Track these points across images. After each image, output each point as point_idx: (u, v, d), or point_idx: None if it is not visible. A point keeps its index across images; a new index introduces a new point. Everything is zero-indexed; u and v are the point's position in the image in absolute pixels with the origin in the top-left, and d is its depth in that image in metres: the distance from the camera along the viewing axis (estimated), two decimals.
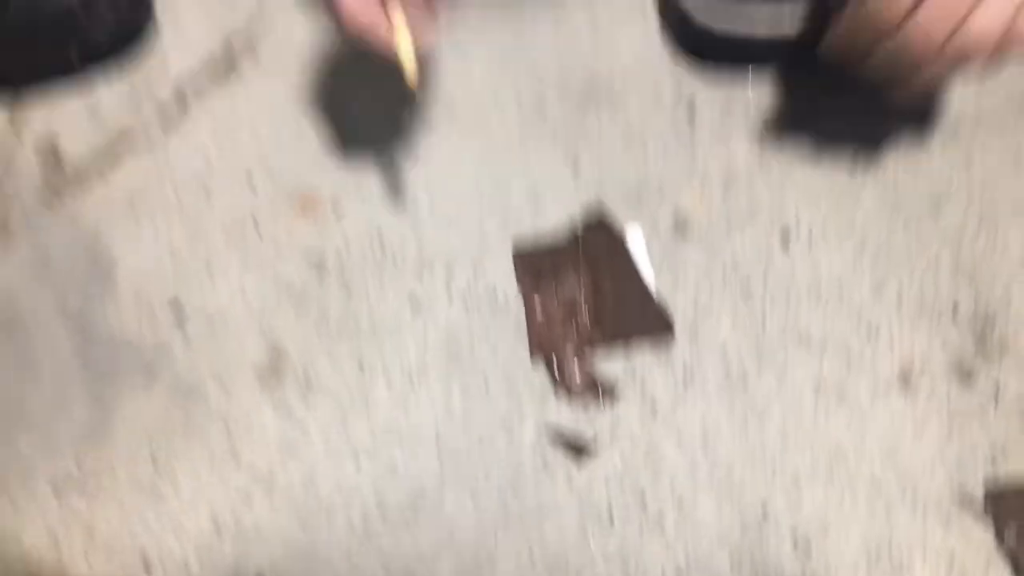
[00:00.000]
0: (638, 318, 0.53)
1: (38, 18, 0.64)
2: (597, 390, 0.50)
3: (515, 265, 0.56)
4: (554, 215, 0.58)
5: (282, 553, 0.47)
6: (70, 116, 0.67)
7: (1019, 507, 0.44)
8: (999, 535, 0.43)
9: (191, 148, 0.66)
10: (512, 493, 0.48)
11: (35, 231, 0.62)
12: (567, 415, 0.50)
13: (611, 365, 0.51)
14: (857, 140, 0.56)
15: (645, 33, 0.65)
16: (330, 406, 0.52)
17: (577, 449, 0.49)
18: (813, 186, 0.55)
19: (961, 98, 0.57)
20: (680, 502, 0.47)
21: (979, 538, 0.44)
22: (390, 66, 0.48)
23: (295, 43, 0.69)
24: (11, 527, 0.50)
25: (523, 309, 0.54)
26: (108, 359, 0.55)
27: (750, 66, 0.60)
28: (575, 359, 0.51)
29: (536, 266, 0.55)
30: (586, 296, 0.54)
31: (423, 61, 0.53)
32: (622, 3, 0.68)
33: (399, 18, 0.50)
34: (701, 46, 0.63)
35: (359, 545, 0.47)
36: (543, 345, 0.52)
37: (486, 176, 0.59)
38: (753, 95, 0.59)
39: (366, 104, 0.65)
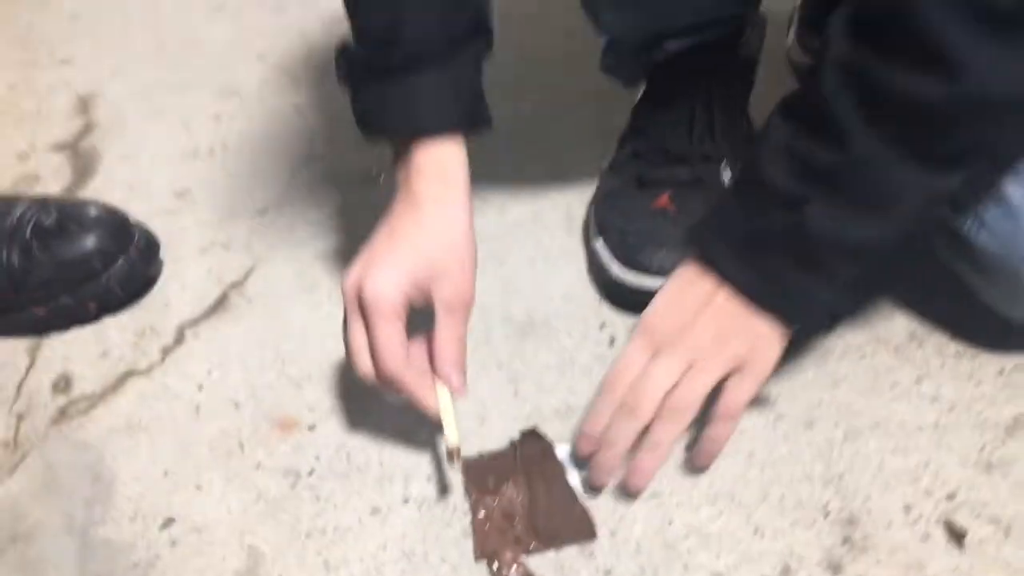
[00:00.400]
0: (566, 520, 0.62)
1: (64, 277, 0.77)
2: None
3: (464, 474, 0.66)
4: (498, 429, 0.69)
5: None
6: (82, 350, 0.79)
7: None
8: None
9: (185, 376, 0.76)
10: None
11: (44, 449, 0.71)
12: None
13: (544, 562, 0.60)
14: None
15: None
16: None
17: None
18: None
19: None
20: None
21: None
22: None
23: (284, 282, 0.82)
24: None
25: (469, 515, 0.63)
26: (106, 569, 0.63)
27: None
28: (512, 561, 0.60)
29: (481, 476, 0.65)
30: (523, 501, 0.63)
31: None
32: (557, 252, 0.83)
33: (444, 395, 0.60)
34: (615, 294, 0.77)
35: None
36: (486, 548, 0.61)
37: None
38: None
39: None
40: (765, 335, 0.59)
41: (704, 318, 0.59)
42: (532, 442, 0.67)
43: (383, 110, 0.62)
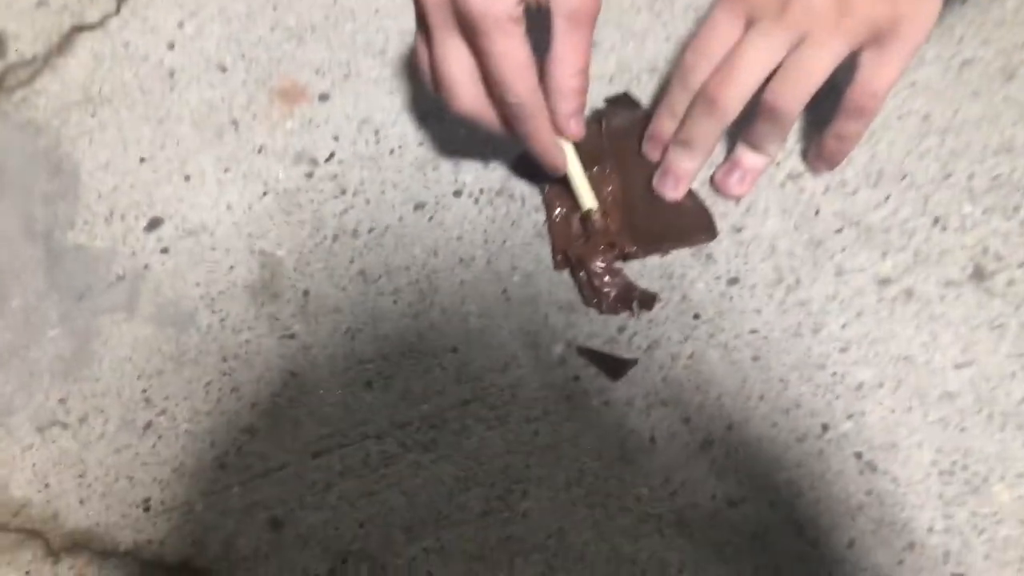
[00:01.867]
0: (675, 216, 0.46)
1: None
2: (631, 302, 0.45)
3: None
4: None
5: (297, 492, 0.43)
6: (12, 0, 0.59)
7: None
8: None
9: (150, 30, 0.57)
10: (543, 418, 0.43)
11: None
12: (599, 328, 0.45)
13: (646, 271, 0.46)
14: None
15: None
16: (333, 323, 0.47)
17: (613, 366, 0.44)
18: None
19: None
20: (729, 423, 0.42)
21: None
22: None
23: None
24: None
25: (543, 211, 0.48)
26: (82, 282, 0.49)
27: None
28: (605, 268, 0.46)
29: None
30: (614, 192, 0.47)
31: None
32: None
33: (570, 150, 0.45)
34: None
35: (375, 476, 0.43)
36: (567, 253, 0.46)
37: None
38: None
39: None
40: None
41: None
42: (622, 111, 0.50)
43: None
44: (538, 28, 0.39)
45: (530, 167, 0.46)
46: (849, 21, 0.40)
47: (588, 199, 0.45)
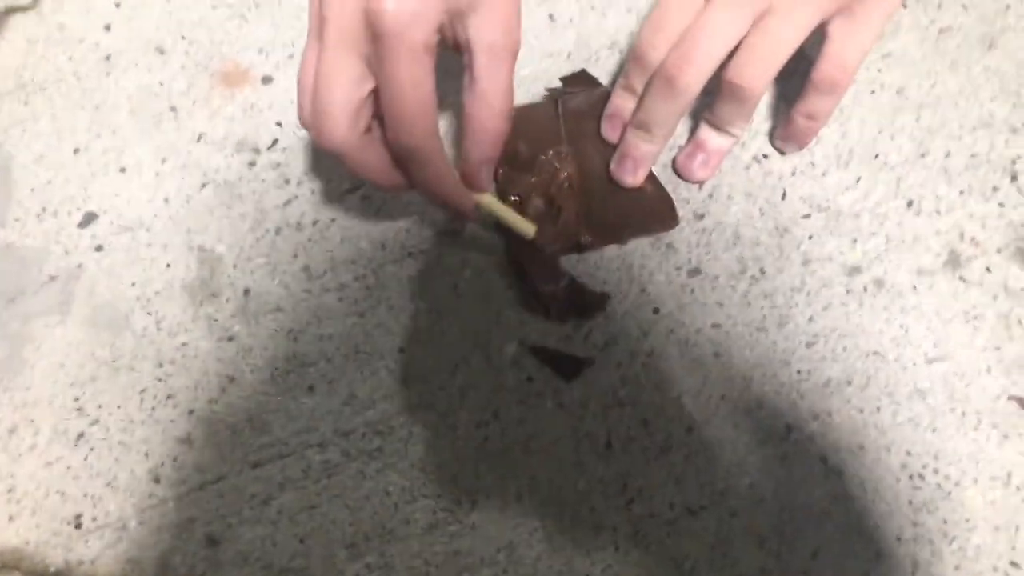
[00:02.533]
0: (634, 203, 0.44)
1: None
2: (584, 304, 0.42)
3: None
4: (527, 73, 0.48)
5: (234, 506, 0.41)
6: None
7: None
8: None
9: (85, 9, 0.54)
10: (494, 422, 0.41)
11: None
12: (554, 325, 0.42)
13: (603, 262, 0.43)
14: None
15: None
16: (274, 324, 0.44)
17: (568, 366, 0.41)
18: None
19: None
20: (689, 425, 0.40)
21: None
22: None
23: None
24: None
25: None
26: (13, 284, 0.47)
27: None
28: (548, 273, 0.43)
29: (510, 142, 0.45)
30: (571, 178, 0.44)
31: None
32: None
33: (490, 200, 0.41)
34: None
35: (317, 488, 0.41)
36: (517, 250, 0.44)
37: None
38: None
39: None
40: None
41: None
42: (580, 90, 0.47)
43: None
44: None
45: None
46: None
47: (526, 227, 0.42)
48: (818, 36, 0.38)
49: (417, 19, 0.33)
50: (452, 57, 0.37)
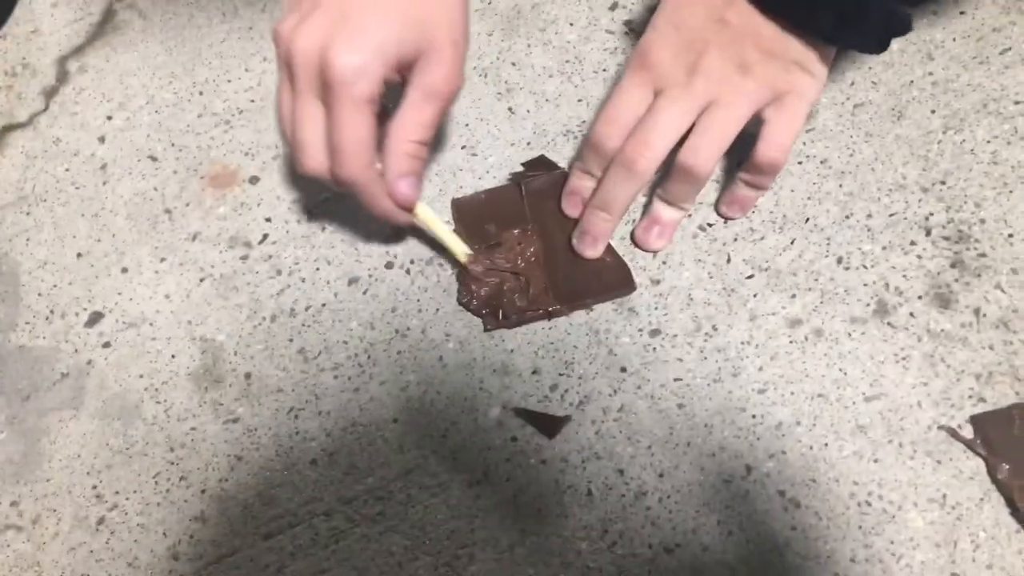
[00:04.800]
0: (595, 272, 0.49)
1: None
2: (497, 310, 0.49)
3: (454, 219, 0.51)
4: (492, 161, 0.53)
5: (248, 574, 0.44)
6: None
7: (1008, 435, 0.42)
8: (990, 467, 0.42)
9: (80, 125, 0.59)
10: (484, 481, 0.45)
11: None
12: (532, 388, 0.47)
13: (573, 328, 0.48)
14: None
15: None
16: (275, 404, 0.48)
17: (548, 424, 0.46)
18: None
19: None
20: (661, 471, 0.44)
21: (972, 472, 0.42)
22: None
23: None
24: None
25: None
26: (28, 383, 0.50)
27: None
28: (482, 272, 0.49)
29: (478, 222, 0.51)
30: (536, 253, 0.49)
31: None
32: None
33: (426, 210, 0.47)
34: None
35: (325, 553, 0.44)
36: (493, 314, 0.48)
37: None
38: None
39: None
40: (801, 59, 0.43)
41: (718, 44, 0.43)
42: (540, 174, 0.52)
43: None
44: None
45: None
46: (751, 83, 0.43)
47: (460, 249, 0.48)
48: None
49: (362, 74, 0.39)
50: None
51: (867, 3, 0.40)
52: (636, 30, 0.57)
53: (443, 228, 0.47)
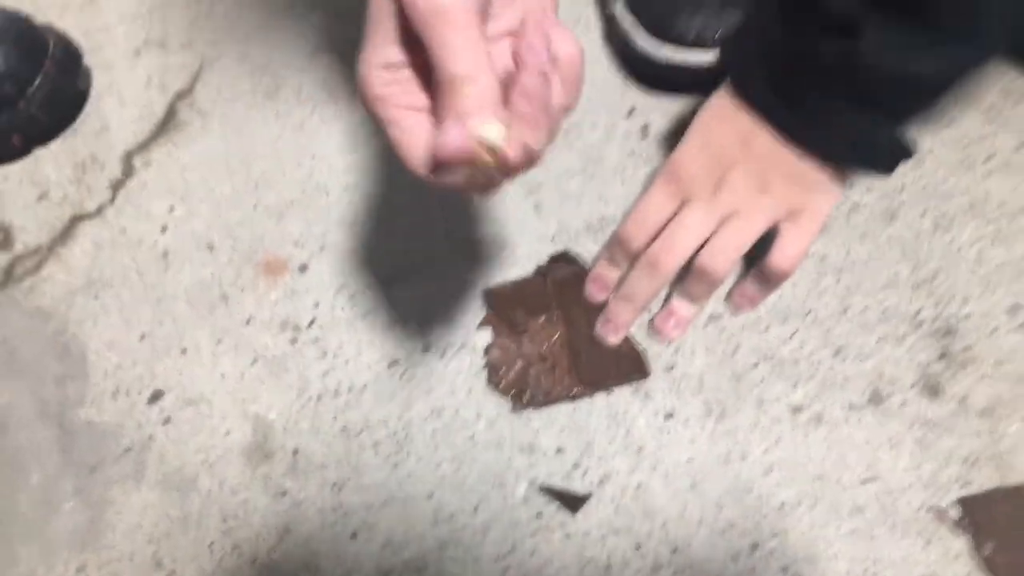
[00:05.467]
0: (614, 358, 0.53)
1: None
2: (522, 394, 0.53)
3: (486, 306, 0.56)
4: (520, 255, 0.58)
5: None
6: (15, 194, 0.66)
7: (993, 515, 0.46)
8: (977, 546, 0.45)
9: (144, 216, 0.65)
10: (512, 554, 0.49)
11: None
12: (556, 466, 0.51)
13: (594, 410, 0.52)
14: None
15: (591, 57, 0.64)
16: (320, 479, 0.53)
17: (572, 501, 0.50)
18: None
19: None
20: (674, 547, 0.48)
21: (958, 551, 0.46)
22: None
23: (239, 86, 0.67)
24: None
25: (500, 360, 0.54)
26: (94, 456, 0.55)
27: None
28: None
29: (507, 311, 0.56)
30: (561, 339, 0.54)
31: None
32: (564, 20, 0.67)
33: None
34: (642, 71, 0.62)
35: None
36: (520, 395, 0.53)
37: (457, 224, 0.59)
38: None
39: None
40: (817, 181, 0.48)
41: (743, 163, 0.48)
42: (563, 268, 0.57)
43: None
44: None
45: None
46: (769, 200, 0.48)
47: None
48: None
49: (365, 81, 0.39)
50: None
51: (876, 133, 0.45)
52: (652, 135, 0.62)
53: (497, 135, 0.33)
